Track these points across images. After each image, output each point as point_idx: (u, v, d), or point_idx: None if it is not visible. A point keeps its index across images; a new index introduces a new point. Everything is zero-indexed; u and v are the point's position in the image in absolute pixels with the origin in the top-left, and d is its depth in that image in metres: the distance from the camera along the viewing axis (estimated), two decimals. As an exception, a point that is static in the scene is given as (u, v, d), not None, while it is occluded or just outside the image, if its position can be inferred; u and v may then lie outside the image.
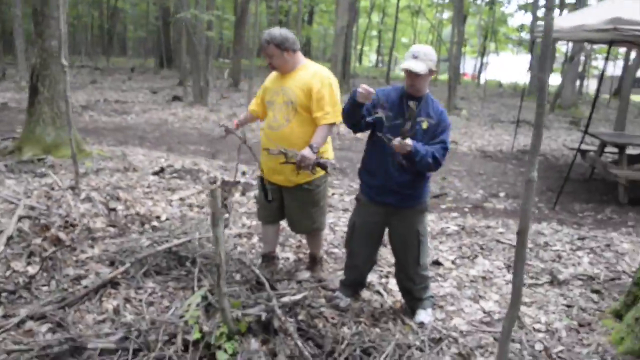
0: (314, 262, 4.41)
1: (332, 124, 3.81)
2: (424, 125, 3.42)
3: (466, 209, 6.77)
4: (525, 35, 32.24)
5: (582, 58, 23.30)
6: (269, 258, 4.38)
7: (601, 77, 8.46)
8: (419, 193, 3.58)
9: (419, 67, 3.31)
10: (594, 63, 30.93)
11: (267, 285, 3.36)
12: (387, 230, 3.74)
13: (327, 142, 3.99)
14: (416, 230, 3.59)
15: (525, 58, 36.47)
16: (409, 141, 3.23)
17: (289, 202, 4.04)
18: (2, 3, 28.81)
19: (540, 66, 2.39)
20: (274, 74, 4.09)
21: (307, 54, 39.66)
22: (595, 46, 23.45)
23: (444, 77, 37.31)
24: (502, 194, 7.63)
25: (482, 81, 31.70)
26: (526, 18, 36.88)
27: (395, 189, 3.50)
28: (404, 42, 44.65)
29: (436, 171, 3.58)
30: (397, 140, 3.23)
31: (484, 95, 20.50)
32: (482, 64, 33.94)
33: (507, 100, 23.51)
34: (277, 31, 3.86)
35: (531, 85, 22.00)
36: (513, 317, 2.40)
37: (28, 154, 7.12)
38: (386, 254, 4.77)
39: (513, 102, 22.06)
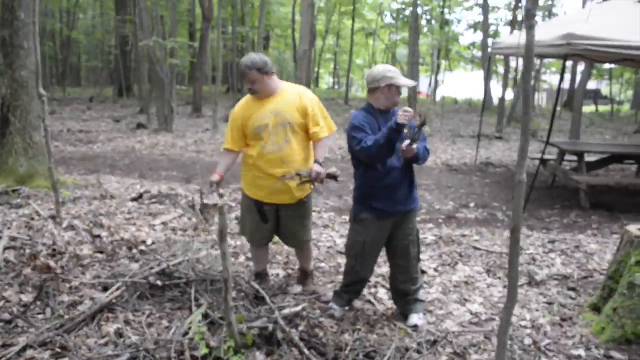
0: (305, 275, 4.52)
1: (327, 137, 4.02)
2: (405, 129, 3.60)
3: (440, 220, 6.99)
4: (477, 53, 33.21)
5: (533, 73, 24.14)
6: (261, 275, 4.48)
7: (558, 90, 8.89)
8: (415, 193, 3.84)
9: (410, 82, 3.81)
10: (542, 77, 32.02)
11: (267, 298, 3.46)
12: None
13: (310, 155, 4.12)
14: (415, 229, 3.87)
15: (477, 74, 37.53)
16: (414, 145, 3.52)
17: (288, 218, 4.16)
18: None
19: (523, 78, 2.59)
20: (245, 102, 4.11)
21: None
22: (545, 61, 24.34)
23: (402, 97, 37.98)
24: (471, 204, 7.89)
25: (438, 98, 32.42)
26: (476, 36, 38.11)
27: (407, 194, 3.74)
28: (359, 63, 45.37)
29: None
30: (404, 145, 3.52)
31: (442, 111, 20.96)
32: (436, 82, 34.75)
33: (464, 115, 24.13)
34: (257, 56, 3.95)
35: (486, 100, 22.66)
36: (510, 308, 2.57)
37: (1, 185, 7.03)
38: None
39: (469, 117, 22.68)
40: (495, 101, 24.41)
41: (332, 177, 3.89)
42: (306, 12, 14.13)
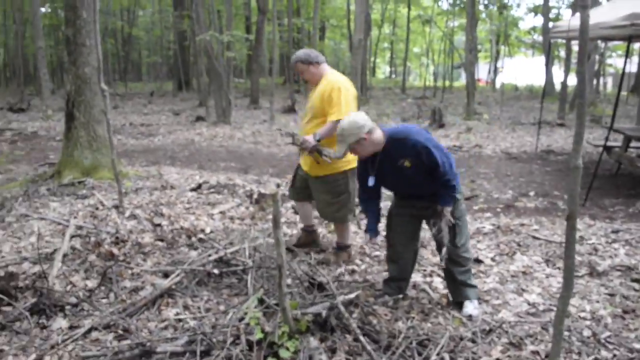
0: (339, 249, 4.86)
1: (337, 121, 4.16)
2: (407, 164, 3.58)
3: (498, 209, 6.86)
4: (538, 37, 32.27)
5: (597, 57, 23.27)
6: (307, 232, 5.05)
7: (622, 74, 8.53)
8: (444, 203, 3.73)
9: (338, 152, 3.67)
10: (608, 61, 30.83)
11: (330, 284, 3.49)
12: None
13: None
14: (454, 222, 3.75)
15: (539, 60, 36.46)
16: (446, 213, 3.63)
17: (313, 190, 4.73)
18: (24, 37, 29.51)
19: (579, 62, 2.51)
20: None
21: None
22: (610, 44, 23.43)
23: (459, 83, 37.39)
24: (531, 193, 7.71)
25: (497, 85, 31.72)
26: (537, 20, 36.82)
27: (427, 198, 3.75)
28: (416, 51, 44.86)
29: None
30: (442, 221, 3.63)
31: (502, 99, 20.53)
32: (496, 69, 33.96)
33: (525, 102, 23.52)
34: (301, 50, 4.55)
35: (547, 86, 22.02)
36: (567, 297, 2.52)
37: (68, 177, 7.34)
38: (428, 255, 4.90)
39: (530, 105, 22.09)
40: (558, 87, 23.67)
41: (319, 152, 4.35)
42: (360, 1, 14.04)
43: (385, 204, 4.27)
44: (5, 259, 4.73)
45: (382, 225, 4.18)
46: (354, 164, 4.29)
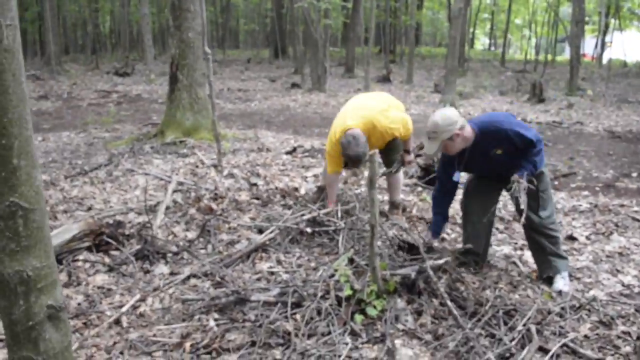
0: (392, 206, 5.07)
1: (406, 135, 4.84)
2: (499, 152, 3.56)
3: (597, 188, 6.61)
4: (654, 10, 30.11)
5: None
6: (322, 190, 5.15)
7: None
8: (539, 162, 3.65)
9: (429, 150, 3.58)
10: None
11: (421, 248, 3.55)
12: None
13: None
14: (535, 187, 3.65)
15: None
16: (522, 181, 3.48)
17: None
18: (129, 5, 30.86)
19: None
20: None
21: (418, 38, 39.29)
22: None
23: (563, 58, 35.64)
24: (634, 174, 7.35)
25: (604, 61, 29.98)
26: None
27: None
28: (518, 23, 43.03)
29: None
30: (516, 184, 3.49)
31: (608, 75, 19.43)
32: (603, 43, 32.06)
33: (634, 80, 22.17)
34: (361, 146, 4.38)
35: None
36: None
37: (170, 136, 7.75)
38: (520, 229, 4.83)
39: (640, 82, 20.80)
40: (672, 65, 22.10)
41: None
42: (462, -31, 13.64)
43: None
44: (113, 208, 5.12)
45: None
46: None
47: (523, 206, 3.50)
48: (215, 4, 37.63)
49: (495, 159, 3.61)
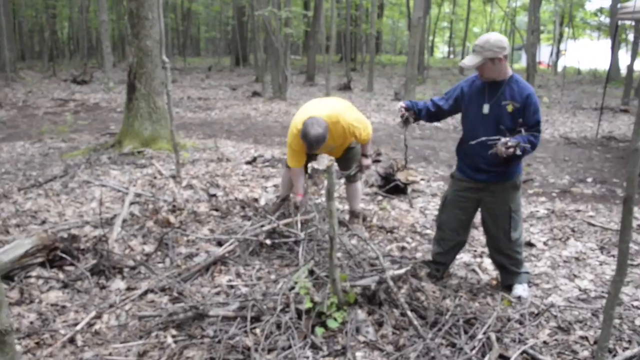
0: (352, 215, 5.08)
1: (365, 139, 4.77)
2: (509, 108, 3.51)
3: (554, 194, 6.73)
4: (604, 19, 31.02)
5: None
6: (284, 199, 5.12)
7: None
8: (511, 171, 3.66)
9: (469, 61, 3.48)
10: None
11: (381, 258, 3.53)
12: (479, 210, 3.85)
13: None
14: (508, 206, 3.69)
15: (604, 43, 35.07)
16: (510, 142, 3.36)
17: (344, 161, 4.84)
18: (88, 11, 30.33)
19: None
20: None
21: (378, 47, 39.64)
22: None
23: (519, 66, 36.41)
24: (589, 179, 7.52)
25: (559, 69, 30.72)
26: (604, 1, 35.17)
27: (486, 168, 3.62)
28: (476, 31, 43.87)
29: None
30: (500, 145, 3.37)
31: (563, 82, 19.93)
32: (558, 51, 32.87)
33: (587, 87, 22.74)
34: (319, 128, 4.25)
35: (612, 70, 21.20)
36: (620, 282, 2.48)
37: (128, 147, 7.60)
38: (479, 236, 4.87)
39: (593, 89, 21.34)
40: (623, 72, 22.77)
41: None
42: (421, -22, 13.81)
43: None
44: (68, 222, 4.98)
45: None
46: None
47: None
48: (176, 12, 37.29)
49: (500, 114, 3.53)
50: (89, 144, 8.82)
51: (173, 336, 3.11)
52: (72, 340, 3.12)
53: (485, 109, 3.57)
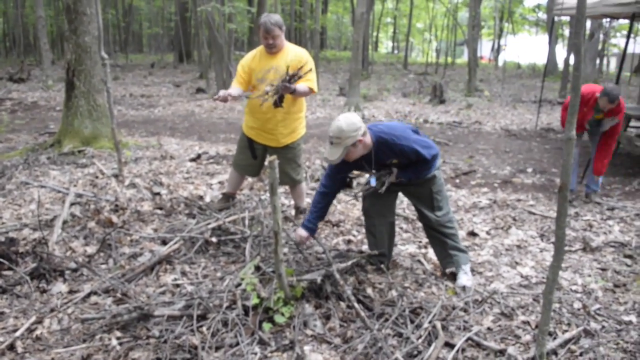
0: (298, 211, 5.14)
1: (311, 90, 4.57)
2: (395, 161, 3.65)
3: (495, 184, 6.91)
4: (542, 15, 32.01)
5: (601, 36, 23.11)
6: (228, 197, 5.20)
7: (624, 54, 8.52)
8: (424, 174, 3.76)
9: (333, 155, 3.46)
10: (612, 41, 30.60)
11: (326, 252, 3.54)
12: None
13: (302, 116, 4.88)
14: (429, 189, 3.82)
15: (542, 38, 36.17)
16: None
17: (281, 159, 4.51)
18: (24, 7, 29.26)
19: (575, 34, 2.52)
20: (255, 55, 4.68)
21: (323, 42, 39.73)
22: (614, 23, 23.27)
23: (462, 60, 37.15)
24: (529, 170, 7.75)
25: (499, 63, 31.51)
26: (542, -2, 36.33)
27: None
28: (419, 27, 44.48)
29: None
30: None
31: (503, 76, 20.47)
32: (499, 46, 33.72)
33: (527, 81, 23.43)
34: (278, 16, 4.46)
35: (550, 65, 21.88)
36: (557, 267, 2.57)
37: (68, 146, 7.38)
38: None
39: (532, 83, 22.01)
40: (561, 66, 23.54)
41: (280, 98, 4.38)
42: (364, -26, 13.89)
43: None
44: (5, 225, 4.79)
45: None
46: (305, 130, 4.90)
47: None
48: (117, 7, 36.40)
49: (391, 166, 3.68)
50: (27, 143, 8.52)
51: (118, 338, 3.03)
52: (11, 347, 3.00)
53: (372, 182, 3.72)
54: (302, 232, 3.79)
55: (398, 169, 3.67)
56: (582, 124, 5.92)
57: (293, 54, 4.61)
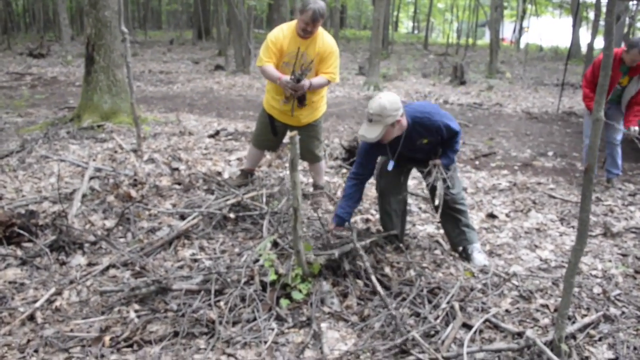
0: (316, 189, 5.13)
1: (329, 80, 4.61)
2: (425, 141, 3.61)
3: (516, 167, 6.83)
4: (567, -3, 31.41)
5: (627, 19, 22.62)
6: (246, 173, 5.21)
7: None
8: (447, 162, 3.77)
9: (371, 134, 3.36)
10: (638, 25, 29.96)
11: (353, 231, 3.53)
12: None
13: (323, 95, 4.84)
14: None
15: (566, 21, 35.53)
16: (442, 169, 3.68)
17: (303, 138, 4.52)
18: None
19: (608, 12, 2.45)
20: (286, 34, 4.50)
21: (343, 21, 39.37)
22: (641, 5, 22.72)
23: (483, 42, 36.67)
24: (550, 153, 7.64)
25: (521, 45, 31.04)
26: (567, -21, 35.56)
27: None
28: (441, 7, 43.94)
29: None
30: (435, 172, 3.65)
31: (525, 59, 20.16)
32: (521, 28, 33.19)
33: (549, 64, 23.09)
34: (324, 4, 4.39)
35: (573, 48, 21.49)
36: (580, 251, 2.52)
37: (87, 121, 7.41)
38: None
39: (555, 66, 21.68)
40: (584, 49, 23.13)
41: (300, 99, 4.53)
42: (386, -48, 13.75)
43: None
44: (26, 198, 4.84)
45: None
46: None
47: (439, 201, 3.60)
48: (136, -16, 36.38)
49: (419, 148, 3.65)
50: (47, 118, 8.57)
51: (136, 311, 3.05)
52: (31, 318, 3.04)
53: (390, 166, 3.73)
54: (334, 223, 3.79)
55: (429, 149, 3.66)
56: (610, 89, 5.73)
57: (321, 43, 4.52)
